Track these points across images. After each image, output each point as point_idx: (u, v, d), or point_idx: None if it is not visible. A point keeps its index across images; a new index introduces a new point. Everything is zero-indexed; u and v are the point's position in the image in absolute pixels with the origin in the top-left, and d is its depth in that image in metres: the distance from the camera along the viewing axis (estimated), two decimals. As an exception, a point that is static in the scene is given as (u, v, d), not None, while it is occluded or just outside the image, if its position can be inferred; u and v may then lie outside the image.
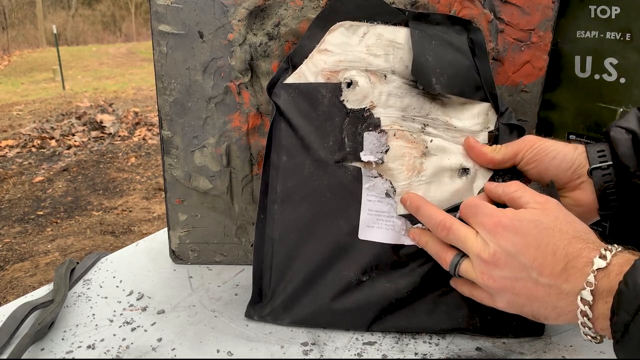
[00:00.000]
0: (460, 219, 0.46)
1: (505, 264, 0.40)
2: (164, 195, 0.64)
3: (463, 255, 0.45)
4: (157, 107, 0.60)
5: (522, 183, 0.45)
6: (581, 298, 0.36)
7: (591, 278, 0.36)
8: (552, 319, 0.40)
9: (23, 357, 0.46)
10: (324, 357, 0.47)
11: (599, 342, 0.38)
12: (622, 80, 0.55)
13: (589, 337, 0.38)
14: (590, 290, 0.36)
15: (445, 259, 0.46)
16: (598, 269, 0.36)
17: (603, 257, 0.36)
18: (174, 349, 0.48)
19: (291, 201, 0.51)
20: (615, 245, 0.38)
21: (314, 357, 0.47)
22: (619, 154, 0.44)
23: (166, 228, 0.65)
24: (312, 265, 0.50)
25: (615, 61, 0.55)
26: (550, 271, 0.38)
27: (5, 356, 0.46)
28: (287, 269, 0.51)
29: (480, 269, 0.42)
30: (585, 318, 0.36)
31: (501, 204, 0.45)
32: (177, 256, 0.64)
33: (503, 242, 0.40)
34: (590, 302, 0.36)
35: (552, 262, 0.38)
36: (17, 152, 4.22)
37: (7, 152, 4.21)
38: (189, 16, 0.56)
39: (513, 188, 0.44)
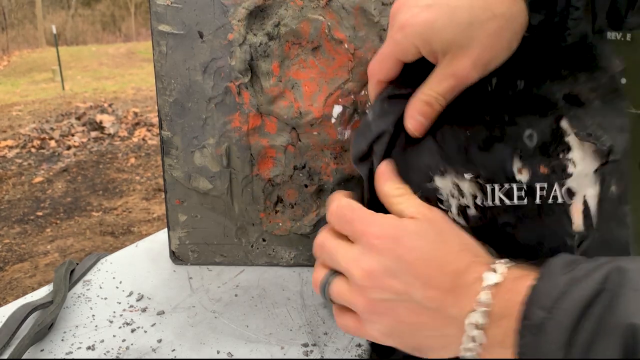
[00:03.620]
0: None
1: (384, 282, 0.33)
2: (163, 196, 0.63)
3: (335, 272, 0.37)
4: (157, 107, 0.60)
5: (408, 187, 0.38)
6: (470, 322, 0.30)
7: (483, 296, 0.30)
8: (437, 350, 0.34)
9: (23, 358, 0.46)
10: (325, 358, 0.46)
11: None
12: (623, 81, 0.55)
13: None
14: (484, 312, 0.30)
15: (315, 277, 0.38)
16: (490, 285, 0.30)
17: (493, 270, 0.31)
18: (174, 350, 0.48)
19: None
20: (506, 259, 0.33)
21: (314, 358, 0.46)
22: None
23: (166, 229, 0.65)
24: None
25: (615, 61, 0.55)
26: (436, 291, 0.32)
27: (5, 357, 0.46)
28: None
29: (352, 289, 0.35)
30: (472, 344, 0.30)
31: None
32: (177, 257, 0.64)
33: (383, 256, 0.33)
34: (483, 325, 0.30)
35: (438, 280, 0.32)
36: (17, 153, 4.22)
37: (6, 153, 4.21)
38: (189, 16, 0.56)
39: (397, 192, 0.37)
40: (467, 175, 0.40)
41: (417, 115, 0.39)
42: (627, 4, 0.37)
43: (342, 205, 0.37)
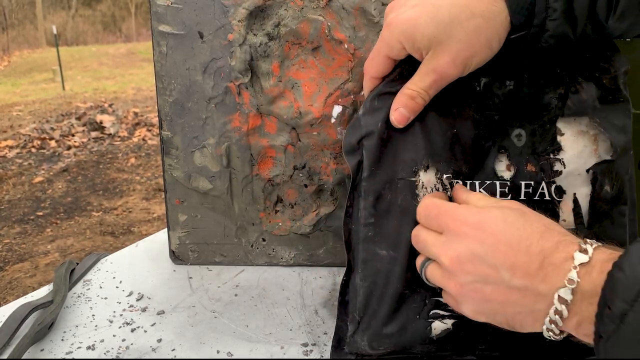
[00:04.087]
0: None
1: (472, 267, 0.35)
2: (163, 196, 0.64)
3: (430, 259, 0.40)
4: (157, 107, 0.60)
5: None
6: (558, 296, 0.32)
7: (573, 274, 0.32)
8: (528, 325, 0.35)
9: (23, 358, 0.46)
10: (324, 358, 0.46)
11: (558, 339, 0.34)
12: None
13: (551, 334, 0.34)
14: (572, 289, 0.32)
15: (417, 263, 0.42)
16: (580, 264, 0.32)
17: (584, 251, 0.32)
18: (173, 349, 0.48)
19: None
20: (593, 240, 0.34)
21: (314, 358, 0.47)
22: None
23: (166, 229, 0.65)
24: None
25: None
26: (524, 271, 0.34)
27: (5, 356, 0.46)
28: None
29: (444, 274, 0.38)
30: (557, 316, 0.32)
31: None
32: (177, 257, 0.64)
33: (468, 242, 0.36)
34: (569, 301, 0.32)
35: (526, 261, 0.34)
36: (17, 153, 4.22)
37: (7, 153, 4.21)
38: (189, 16, 0.56)
39: (478, 197, 0.40)
40: (446, 174, 0.42)
41: (400, 108, 0.41)
42: (607, 9, 0.38)
43: (426, 204, 0.40)
